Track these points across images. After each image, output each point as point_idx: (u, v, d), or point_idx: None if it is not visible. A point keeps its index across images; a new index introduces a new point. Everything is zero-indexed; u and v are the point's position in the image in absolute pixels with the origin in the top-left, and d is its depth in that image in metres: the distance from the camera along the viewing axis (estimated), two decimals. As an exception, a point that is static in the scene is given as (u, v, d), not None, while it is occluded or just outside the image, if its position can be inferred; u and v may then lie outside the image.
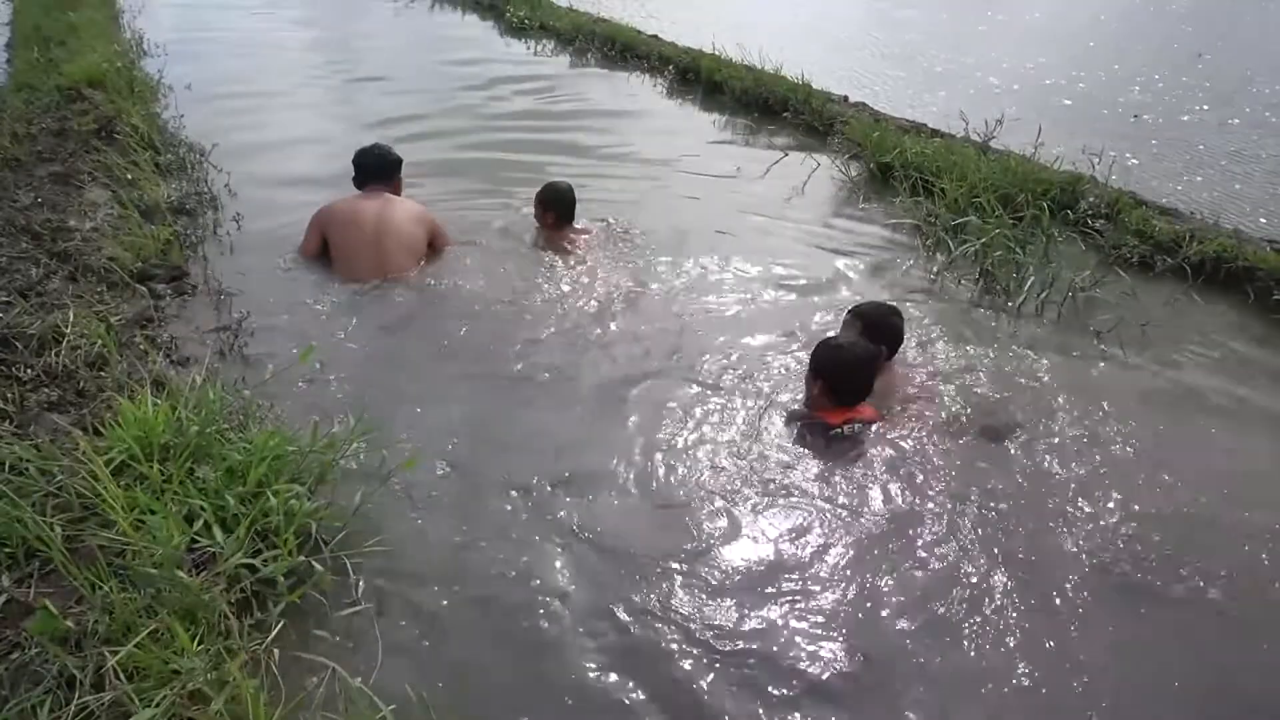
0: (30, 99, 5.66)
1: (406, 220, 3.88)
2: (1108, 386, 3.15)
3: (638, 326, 3.45)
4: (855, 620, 2.12)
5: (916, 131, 5.89)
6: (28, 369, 2.76)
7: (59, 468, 2.15)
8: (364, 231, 3.79)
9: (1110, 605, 2.20)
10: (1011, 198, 4.55)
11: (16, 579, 1.90)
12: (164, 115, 5.80)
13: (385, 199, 3.93)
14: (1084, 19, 12.91)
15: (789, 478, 2.59)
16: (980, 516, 2.46)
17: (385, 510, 2.32)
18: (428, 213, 4.03)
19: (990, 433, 2.82)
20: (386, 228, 3.80)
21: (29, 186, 4.34)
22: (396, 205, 3.93)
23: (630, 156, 5.75)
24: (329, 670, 1.77)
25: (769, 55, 7.34)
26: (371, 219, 3.81)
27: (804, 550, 2.33)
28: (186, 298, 3.52)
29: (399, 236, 3.82)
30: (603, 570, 2.23)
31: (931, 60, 9.13)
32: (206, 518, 2.03)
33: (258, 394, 2.66)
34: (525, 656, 1.98)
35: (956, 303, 3.80)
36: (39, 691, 1.63)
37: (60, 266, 3.52)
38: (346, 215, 3.85)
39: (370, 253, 3.77)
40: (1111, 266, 4.09)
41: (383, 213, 3.84)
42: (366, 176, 4.01)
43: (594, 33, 9.34)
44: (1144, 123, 6.87)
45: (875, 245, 4.43)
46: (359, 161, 4.03)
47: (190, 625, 1.76)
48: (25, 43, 7.49)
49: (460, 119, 6.44)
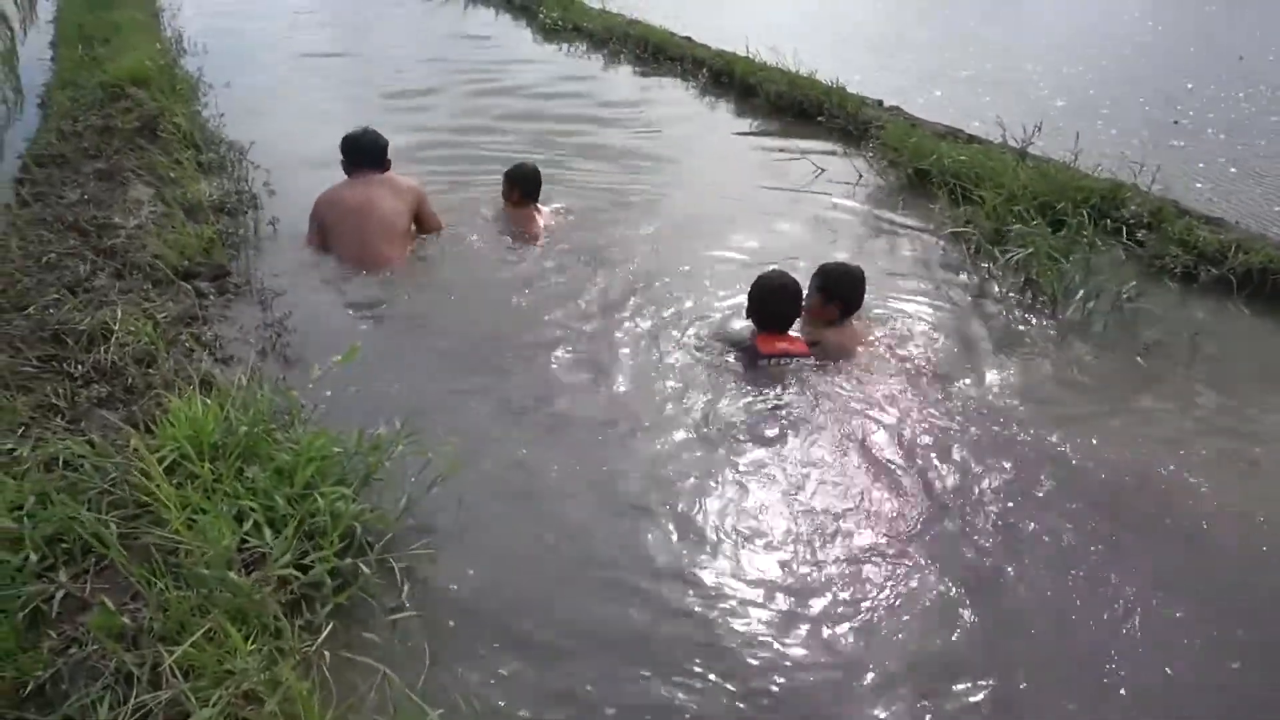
0: (75, 96, 5.75)
1: (390, 203, 3.96)
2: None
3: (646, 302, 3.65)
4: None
5: (953, 137, 5.83)
6: (78, 365, 2.81)
7: (113, 465, 2.19)
8: (347, 220, 3.91)
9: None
10: (1050, 205, 4.50)
11: (73, 574, 1.93)
12: (204, 113, 5.88)
13: (369, 181, 4.01)
14: (1120, 22, 12.73)
15: (717, 400, 3.00)
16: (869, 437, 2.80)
17: (430, 514, 2.33)
18: (417, 189, 4.10)
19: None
20: (369, 214, 3.91)
21: (75, 183, 4.41)
22: (380, 188, 4.00)
23: (659, 159, 5.77)
24: (379, 674, 1.79)
25: (802, 59, 7.30)
26: (354, 207, 3.92)
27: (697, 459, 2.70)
28: (229, 296, 3.57)
29: (381, 221, 3.92)
30: (652, 580, 2.23)
31: (966, 65, 9.04)
32: (256, 518, 2.05)
33: (302, 394, 2.69)
34: (571, 663, 1.98)
35: (997, 313, 3.76)
36: (98, 688, 1.65)
37: (106, 263, 3.58)
38: (333, 203, 3.96)
39: (353, 239, 3.89)
40: (1154, 277, 4.03)
41: (366, 199, 3.94)
42: (355, 162, 4.07)
43: (627, 35, 9.34)
44: (1184, 128, 6.76)
45: (913, 252, 4.39)
46: (348, 147, 4.09)
47: (241, 625, 1.78)
48: (69, 41, 7.61)
49: (489, 119, 6.47)
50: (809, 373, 3.14)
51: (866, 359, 3.27)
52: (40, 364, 2.78)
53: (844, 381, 3.11)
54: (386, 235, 3.92)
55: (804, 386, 3.07)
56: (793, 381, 3.09)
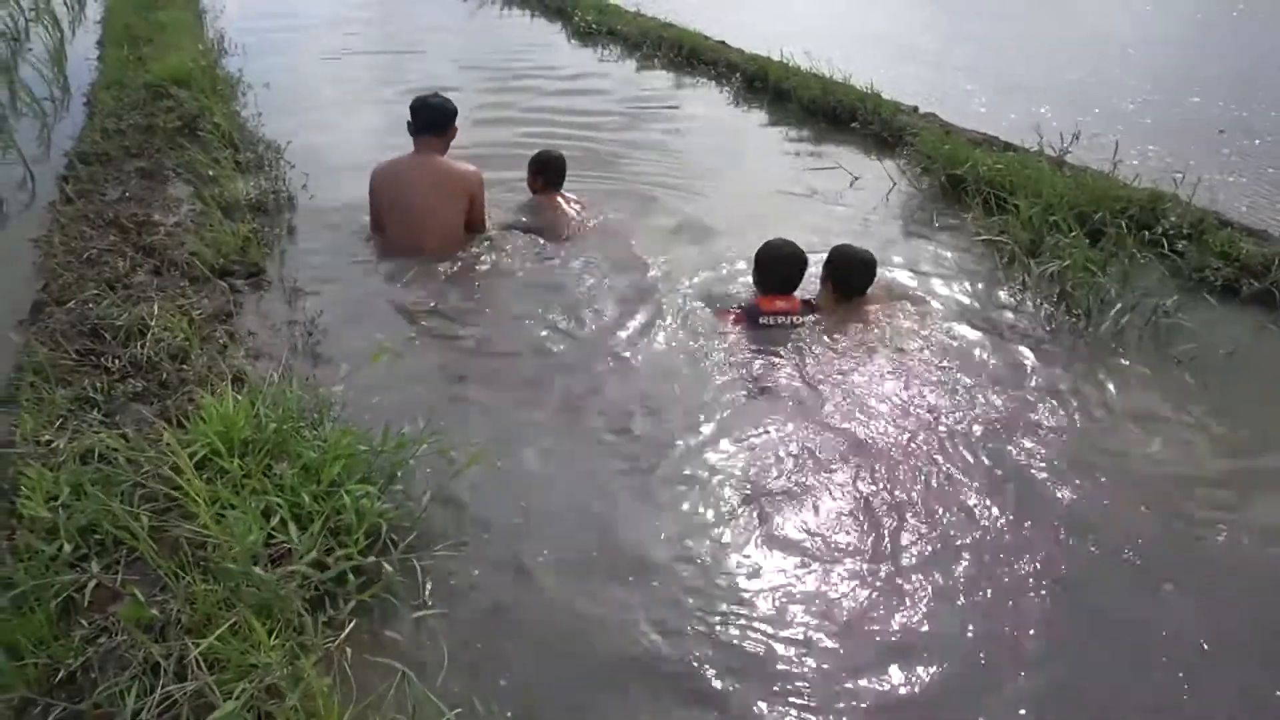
0: (120, 96, 5.89)
1: (446, 196, 4.00)
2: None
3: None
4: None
5: (988, 144, 5.76)
6: (115, 359, 2.87)
7: (145, 459, 2.23)
8: (406, 211, 3.98)
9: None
10: (1088, 215, 4.42)
11: (105, 565, 1.97)
12: (243, 113, 5.98)
13: (429, 165, 4.01)
14: (1160, 29, 12.49)
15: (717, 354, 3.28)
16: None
17: (454, 514, 2.35)
18: (474, 177, 4.10)
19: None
20: (427, 206, 3.96)
21: (117, 181, 4.53)
22: (438, 174, 4.01)
23: (690, 160, 5.77)
24: (399, 673, 1.80)
25: (837, 64, 7.26)
26: (414, 196, 3.96)
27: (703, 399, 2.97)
28: (263, 294, 3.63)
29: (436, 216, 3.99)
30: (675, 585, 2.22)
31: (1002, 72, 8.93)
32: (283, 514, 2.08)
33: (329, 392, 2.73)
34: (588, 671, 1.98)
35: (1025, 325, 3.71)
36: (126, 677, 1.69)
37: (145, 260, 3.66)
38: (391, 186, 4.01)
39: (405, 232, 3.98)
40: (1193, 290, 3.94)
41: (425, 191, 3.96)
42: (421, 126, 4.05)
43: (661, 38, 9.34)
44: (1228, 138, 6.61)
45: (944, 261, 4.34)
46: (416, 109, 4.07)
47: (265, 619, 1.81)
48: (116, 40, 7.79)
49: (528, 117, 6.51)
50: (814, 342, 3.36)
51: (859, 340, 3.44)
52: (79, 357, 2.85)
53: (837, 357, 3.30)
54: (446, 233, 4.01)
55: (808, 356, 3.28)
56: (792, 351, 3.31)
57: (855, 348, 3.36)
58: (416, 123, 4.04)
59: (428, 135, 4.03)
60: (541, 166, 4.46)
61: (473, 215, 4.10)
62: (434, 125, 4.03)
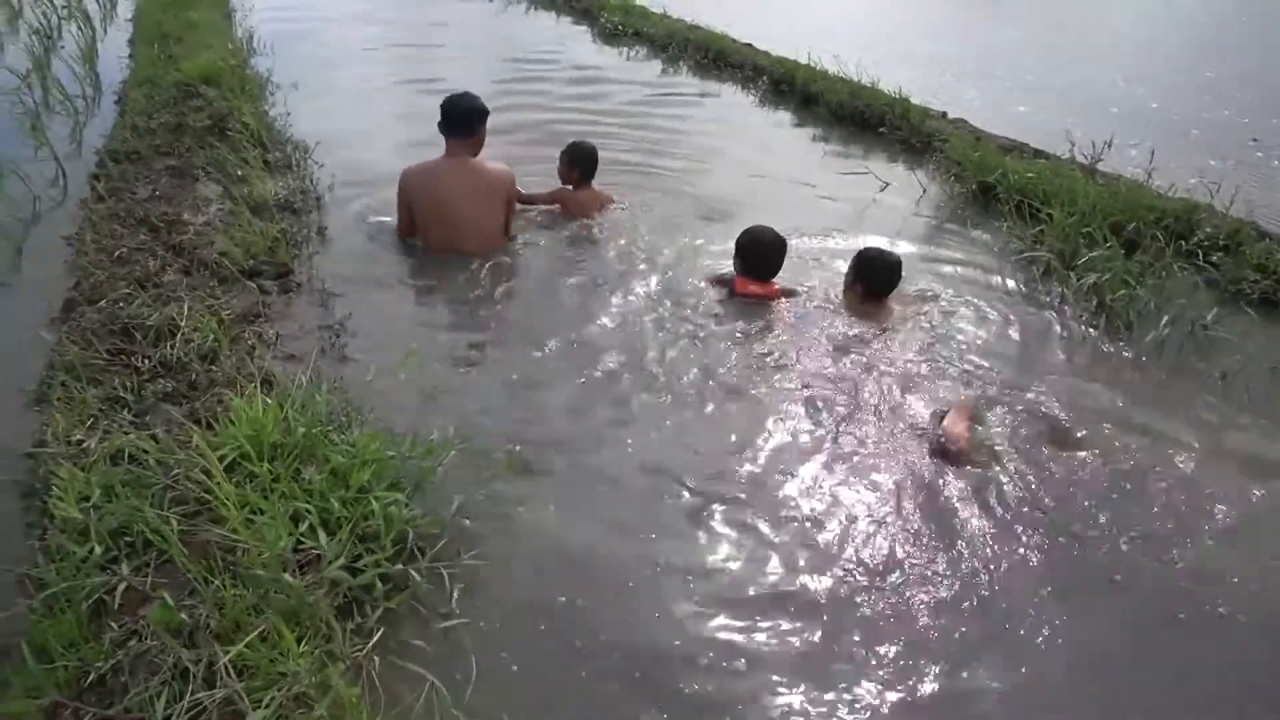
0: (150, 94, 5.93)
1: (484, 200, 4.00)
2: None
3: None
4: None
5: (1018, 151, 5.69)
6: (145, 359, 2.88)
7: (175, 461, 2.23)
8: (447, 218, 3.98)
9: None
10: (1122, 225, 4.35)
11: (135, 568, 1.97)
12: (272, 113, 6.01)
13: (465, 170, 3.99)
14: (1195, 36, 12.31)
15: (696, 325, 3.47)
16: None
17: (483, 521, 2.33)
18: (508, 177, 4.11)
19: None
20: (468, 213, 3.97)
21: (147, 179, 4.55)
22: (474, 178, 3.99)
23: (718, 164, 5.73)
24: (427, 684, 1.79)
25: (865, 67, 7.20)
26: (455, 203, 3.96)
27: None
28: (291, 295, 3.63)
29: (477, 221, 4.00)
30: (713, 597, 2.19)
31: (1031, 78, 8.83)
32: (312, 520, 2.07)
33: (358, 397, 2.72)
34: (621, 685, 1.96)
35: (1066, 334, 3.65)
36: (156, 682, 1.68)
37: (175, 259, 3.67)
38: (427, 191, 3.99)
39: (453, 237, 3.99)
40: (1230, 302, 3.87)
41: (465, 197, 3.96)
42: (452, 126, 4.03)
43: (687, 40, 9.31)
44: (1263, 145, 6.49)
45: (979, 270, 4.28)
46: (447, 108, 4.04)
47: (294, 626, 1.80)
48: (147, 39, 7.85)
49: (556, 118, 6.50)
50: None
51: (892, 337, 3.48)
52: (110, 357, 2.86)
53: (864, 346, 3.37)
54: (484, 237, 4.04)
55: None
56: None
57: (877, 341, 3.42)
58: (447, 123, 4.03)
59: (459, 137, 4.02)
60: (577, 158, 4.51)
61: (508, 215, 4.15)
62: (465, 125, 4.01)
